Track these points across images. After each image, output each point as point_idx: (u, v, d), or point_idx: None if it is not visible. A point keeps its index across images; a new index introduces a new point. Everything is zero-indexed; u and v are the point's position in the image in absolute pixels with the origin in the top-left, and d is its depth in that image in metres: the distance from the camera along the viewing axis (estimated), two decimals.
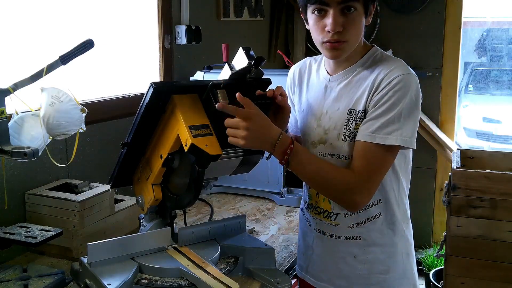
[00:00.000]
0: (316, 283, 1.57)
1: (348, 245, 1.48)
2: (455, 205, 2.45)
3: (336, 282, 1.52)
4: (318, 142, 1.47)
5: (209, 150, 1.28)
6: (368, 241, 1.47)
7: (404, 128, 1.33)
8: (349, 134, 1.40)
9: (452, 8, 3.52)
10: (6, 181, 1.62)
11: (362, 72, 1.42)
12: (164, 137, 1.40)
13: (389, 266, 1.48)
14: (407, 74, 1.35)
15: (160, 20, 2.45)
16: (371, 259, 1.47)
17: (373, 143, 1.33)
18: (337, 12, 1.32)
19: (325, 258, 1.54)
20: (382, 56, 1.44)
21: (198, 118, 1.33)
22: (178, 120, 1.32)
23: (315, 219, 1.54)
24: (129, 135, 1.42)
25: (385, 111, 1.33)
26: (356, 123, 1.39)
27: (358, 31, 1.37)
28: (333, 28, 1.33)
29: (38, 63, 1.48)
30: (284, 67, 2.88)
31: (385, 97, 1.33)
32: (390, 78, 1.34)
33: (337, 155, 1.43)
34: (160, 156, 1.41)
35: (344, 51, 1.38)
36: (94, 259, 1.32)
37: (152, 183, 1.47)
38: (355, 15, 1.34)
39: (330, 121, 1.44)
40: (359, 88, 1.40)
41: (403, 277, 1.50)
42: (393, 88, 1.33)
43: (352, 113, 1.40)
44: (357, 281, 1.49)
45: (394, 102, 1.32)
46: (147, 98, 1.33)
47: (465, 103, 4.48)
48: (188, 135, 1.28)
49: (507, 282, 2.41)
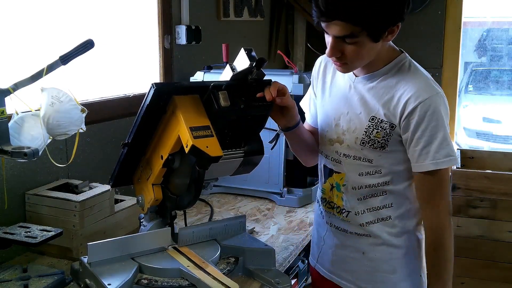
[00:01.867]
0: (325, 273, 1.61)
1: (358, 241, 1.50)
2: (455, 205, 2.45)
3: (343, 275, 1.55)
4: (335, 140, 1.48)
5: (209, 151, 1.28)
6: (377, 240, 1.48)
7: (450, 148, 1.36)
8: (368, 140, 1.41)
9: (452, 8, 3.52)
10: (6, 181, 1.62)
11: (387, 80, 1.40)
12: (164, 137, 1.40)
13: (395, 267, 1.49)
14: (436, 95, 1.35)
15: (160, 20, 2.45)
16: (378, 257, 1.49)
17: (438, 170, 1.35)
18: (334, 40, 1.30)
19: (334, 251, 1.57)
20: (410, 67, 1.41)
21: (199, 119, 1.33)
22: (179, 121, 1.32)
23: (328, 213, 1.56)
24: (130, 135, 1.42)
25: (431, 136, 1.34)
26: (377, 132, 1.39)
27: (360, 56, 1.33)
28: (328, 54, 1.34)
29: (38, 63, 1.48)
30: (284, 67, 2.87)
31: (424, 122, 1.33)
32: (418, 100, 1.33)
33: (353, 156, 1.44)
34: (161, 157, 1.41)
35: (348, 68, 1.38)
36: (94, 259, 1.32)
37: (153, 183, 1.47)
38: (355, 44, 1.29)
39: (350, 123, 1.44)
40: (383, 97, 1.39)
41: (407, 279, 1.50)
42: (428, 110, 1.33)
43: (374, 120, 1.40)
44: (362, 276, 1.52)
45: (435, 125, 1.33)
46: (148, 98, 1.33)
47: (465, 103, 4.48)
48: (189, 136, 1.28)
49: (507, 282, 2.42)
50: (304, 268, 2.23)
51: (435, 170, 1.35)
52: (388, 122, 1.38)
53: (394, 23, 1.30)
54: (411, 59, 1.44)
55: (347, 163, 1.46)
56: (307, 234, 1.91)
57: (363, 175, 1.45)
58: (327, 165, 1.53)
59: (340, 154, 1.47)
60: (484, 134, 4.55)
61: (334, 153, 1.49)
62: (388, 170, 1.43)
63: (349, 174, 1.46)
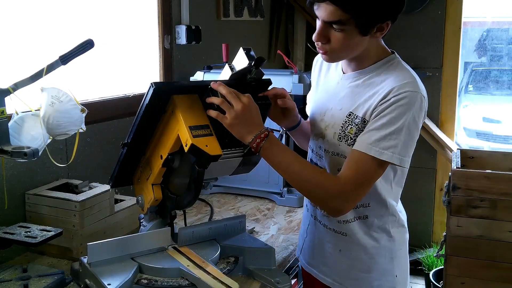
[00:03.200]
0: (306, 267, 1.62)
1: (335, 238, 1.51)
2: (455, 205, 2.45)
3: (322, 269, 1.56)
4: (319, 135, 1.49)
5: (209, 150, 1.28)
6: (353, 239, 1.48)
7: (400, 146, 1.30)
8: (344, 136, 1.40)
9: (452, 8, 3.52)
10: (6, 181, 1.62)
11: (373, 78, 1.40)
12: (164, 137, 1.40)
13: (370, 267, 1.50)
14: (415, 92, 1.31)
15: (160, 20, 2.45)
16: (354, 256, 1.50)
17: (368, 155, 1.31)
18: (323, 25, 1.32)
19: (315, 245, 1.58)
20: (397, 66, 1.39)
21: (198, 119, 1.33)
22: (178, 120, 1.32)
23: (312, 206, 1.57)
24: (129, 135, 1.42)
25: (385, 124, 1.30)
26: (351, 128, 1.38)
27: (344, 46, 1.33)
28: (315, 38, 1.35)
29: (38, 63, 1.48)
30: (284, 67, 2.88)
31: (387, 110, 1.31)
32: (397, 92, 1.30)
33: (332, 152, 1.44)
34: (160, 157, 1.41)
35: (331, 58, 1.39)
36: (94, 259, 1.32)
37: (152, 183, 1.47)
38: (343, 32, 1.30)
39: (331, 119, 1.45)
40: (365, 94, 1.39)
41: (382, 278, 1.51)
42: (397, 102, 1.30)
43: (351, 116, 1.39)
44: (339, 273, 1.53)
45: (396, 116, 1.30)
46: (147, 98, 1.33)
47: (465, 103, 4.48)
48: (188, 136, 1.28)
49: (507, 282, 2.41)
50: None
51: (365, 154, 1.31)
52: (362, 117, 1.36)
53: (384, 19, 1.31)
54: (401, 60, 1.43)
55: (327, 158, 1.46)
56: None
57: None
58: (312, 159, 1.54)
59: (322, 149, 1.47)
60: (484, 134, 4.55)
61: (318, 148, 1.50)
62: None
63: (330, 169, 1.46)
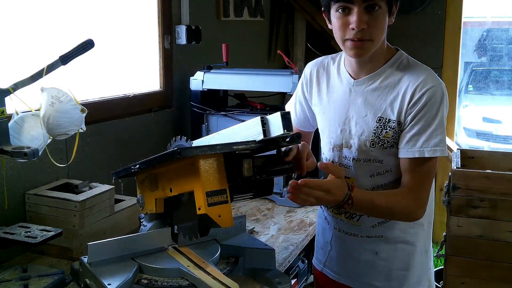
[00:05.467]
0: (335, 277, 1.60)
1: (370, 243, 1.51)
2: (455, 205, 2.45)
3: (356, 278, 1.55)
4: (343, 146, 1.48)
5: (221, 222, 1.25)
6: (390, 239, 1.49)
7: (444, 138, 1.37)
8: (378, 141, 1.41)
9: (452, 8, 3.52)
10: (6, 181, 1.62)
11: (389, 78, 1.42)
12: (178, 178, 1.33)
13: (409, 263, 1.50)
14: (438, 84, 1.37)
15: (160, 20, 2.45)
16: (392, 256, 1.50)
17: (423, 158, 1.36)
18: (361, 10, 1.32)
19: (344, 256, 1.57)
20: (408, 62, 1.44)
21: (217, 182, 1.26)
22: (197, 181, 1.25)
23: (336, 219, 1.56)
24: (141, 164, 1.36)
25: (426, 125, 1.36)
26: (386, 132, 1.40)
27: (381, 30, 1.37)
28: (357, 25, 1.32)
29: (38, 63, 1.48)
30: (284, 67, 2.87)
31: (422, 111, 1.36)
32: (423, 90, 1.36)
33: (363, 159, 1.44)
34: (170, 190, 1.36)
35: (367, 50, 1.37)
36: (94, 259, 1.32)
37: (156, 197, 1.44)
38: (379, 13, 1.34)
39: (357, 127, 1.45)
40: (388, 96, 1.41)
41: (421, 273, 1.52)
42: (429, 100, 1.35)
43: (382, 121, 1.41)
44: (377, 277, 1.52)
45: (433, 114, 1.36)
46: (167, 155, 1.27)
47: (465, 103, 4.48)
48: (203, 203, 1.23)
49: (507, 282, 2.41)
50: (304, 268, 2.23)
51: (421, 158, 1.36)
52: (396, 120, 1.39)
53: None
54: (407, 55, 1.47)
55: (357, 167, 1.46)
56: (307, 234, 1.91)
57: (374, 176, 1.45)
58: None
59: (349, 159, 1.47)
60: (484, 134, 4.56)
61: (342, 159, 1.49)
62: (397, 167, 1.43)
63: (360, 177, 1.46)
